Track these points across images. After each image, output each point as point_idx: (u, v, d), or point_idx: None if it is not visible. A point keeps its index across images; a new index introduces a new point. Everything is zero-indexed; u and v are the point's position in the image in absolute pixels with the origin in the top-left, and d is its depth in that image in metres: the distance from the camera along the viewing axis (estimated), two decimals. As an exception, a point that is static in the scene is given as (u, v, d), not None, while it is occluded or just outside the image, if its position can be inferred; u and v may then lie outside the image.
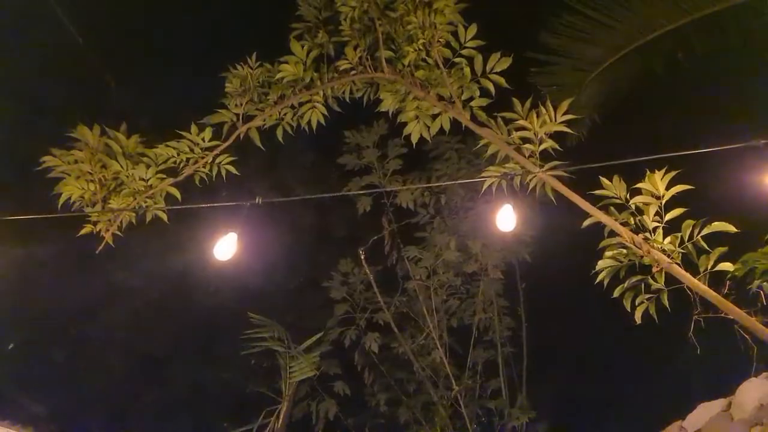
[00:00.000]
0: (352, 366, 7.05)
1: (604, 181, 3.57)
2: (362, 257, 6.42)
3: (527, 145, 3.93)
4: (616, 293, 3.53)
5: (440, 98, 4.31)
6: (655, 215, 3.47)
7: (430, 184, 6.20)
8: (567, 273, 5.80)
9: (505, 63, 4.13)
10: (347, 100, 4.63)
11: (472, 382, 6.75)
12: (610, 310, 3.71)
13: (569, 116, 3.86)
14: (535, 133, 3.88)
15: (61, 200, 4.11)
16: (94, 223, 4.24)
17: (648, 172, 3.45)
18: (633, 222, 3.54)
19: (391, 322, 6.82)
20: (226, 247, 3.75)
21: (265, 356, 6.75)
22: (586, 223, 3.64)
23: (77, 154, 4.13)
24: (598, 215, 3.59)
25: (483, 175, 4.09)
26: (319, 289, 7.19)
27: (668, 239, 3.41)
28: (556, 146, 3.89)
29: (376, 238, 6.64)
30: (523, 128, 3.91)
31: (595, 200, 3.66)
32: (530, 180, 3.90)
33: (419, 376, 6.76)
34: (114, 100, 5.84)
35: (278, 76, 4.36)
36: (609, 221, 3.56)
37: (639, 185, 3.50)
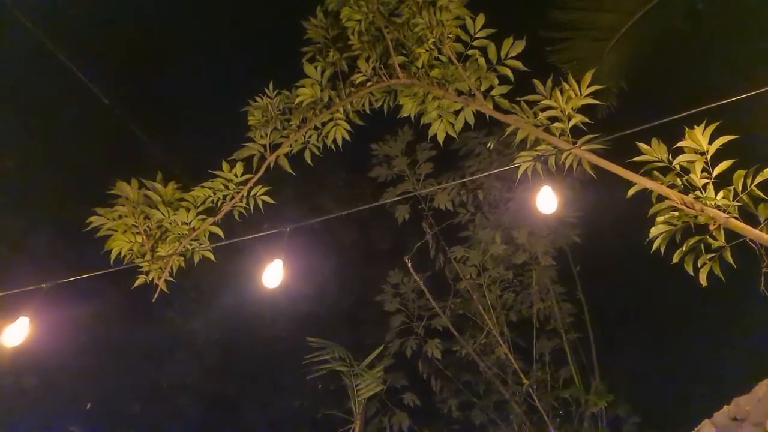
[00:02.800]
0: (418, 376, 7.01)
1: (643, 146, 3.44)
2: (408, 265, 6.39)
3: (556, 124, 3.83)
4: (675, 259, 3.38)
5: (460, 93, 4.27)
6: (702, 172, 3.31)
7: (464, 179, 6.13)
8: (621, 247, 5.63)
9: (520, 46, 4.06)
10: (368, 112, 4.64)
11: (542, 373, 6.59)
12: (672, 278, 3.57)
13: (594, 87, 3.75)
14: (562, 111, 3.79)
15: (113, 256, 4.25)
16: (147, 273, 4.37)
17: (687, 129, 3.31)
18: (680, 183, 3.39)
19: (449, 325, 6.76)
20: (272, 274, 3.79)
21: (331, 378, 6.78)
22: (632, 191, 3.52)
23: (120, 209, 4.28)
24: (642, 182, 3.46)
25: (516, 161, 4.01)
26: (372, 304, 7.21)
27: (721, 194, 3.25)
28: (587, 120, 3.79)
29: (419, 244, 6.61)
30: (549, 107, 3.83)
31: (636, 168, 3.54)
32: (565, 158, 3.80)
33: (487, 375, 6.65)
34: (143, 151, 6.05)
35: (297, 100, 4.42)
36: (655, 186, 3.43)
37: (680, 144, 3.35)
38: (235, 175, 4.44)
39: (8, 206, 6.17)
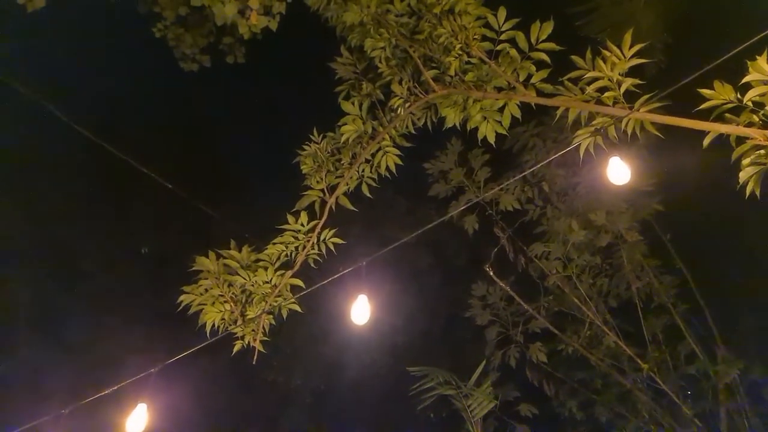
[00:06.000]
0: (528, 384, 6.77)
1: (706, 91, 3.23)
2: (491, 273, 6.24)
3: (607, 94, 3.67)
4: (774, 198, 3.12)
5: (499, 90, 4.19)
6: (778, 101, 3.07)
7: (524, 173, 5.96)
8: (709, 203, 5.28)
9: (549, 27, 3.95)
10: (413, 132, 4.65)
11: (659, 354, 6.20)
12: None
13: (637, 46, 3.58)
14: (609, 79, 3.64)
15: (208, 328, 4.40)
16: (242, 337, 4.48)
17: (749, 62, 3.08)
18: (757, 119, 3.15)
19: (548, 325, 6.51)
20: (360, 310, 3.80)
21: (441, 405, 6.66)
22: (707, 140, 3.30)
23: (204, 283, 4.43)
24: (716, 128, 3.24)
25: (575, 142, 3.87)
26: (463, 321, 7.07)
27: (806, 118, 3.00)
28: (638, 81, 3.62)
29: (496, 250, 6.45)
30: (596, 79, 3.68)
31: (704, 116, 3.31)
32: (626, 125, 3.63)
33: (601, 368, 6.32)
34: (212, 225, 6.32)
35: (343, 138, 4.49)
36: (731, 129, 3.19)
37: (746, 79, 3.12)
38: (302, 225, 4.52)
39: (103, 304, 6.59)
